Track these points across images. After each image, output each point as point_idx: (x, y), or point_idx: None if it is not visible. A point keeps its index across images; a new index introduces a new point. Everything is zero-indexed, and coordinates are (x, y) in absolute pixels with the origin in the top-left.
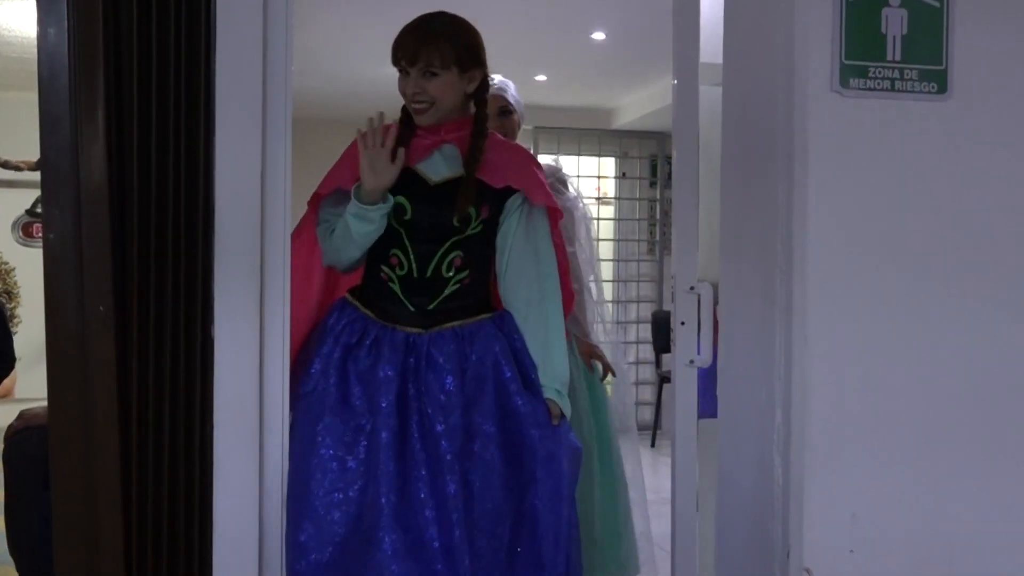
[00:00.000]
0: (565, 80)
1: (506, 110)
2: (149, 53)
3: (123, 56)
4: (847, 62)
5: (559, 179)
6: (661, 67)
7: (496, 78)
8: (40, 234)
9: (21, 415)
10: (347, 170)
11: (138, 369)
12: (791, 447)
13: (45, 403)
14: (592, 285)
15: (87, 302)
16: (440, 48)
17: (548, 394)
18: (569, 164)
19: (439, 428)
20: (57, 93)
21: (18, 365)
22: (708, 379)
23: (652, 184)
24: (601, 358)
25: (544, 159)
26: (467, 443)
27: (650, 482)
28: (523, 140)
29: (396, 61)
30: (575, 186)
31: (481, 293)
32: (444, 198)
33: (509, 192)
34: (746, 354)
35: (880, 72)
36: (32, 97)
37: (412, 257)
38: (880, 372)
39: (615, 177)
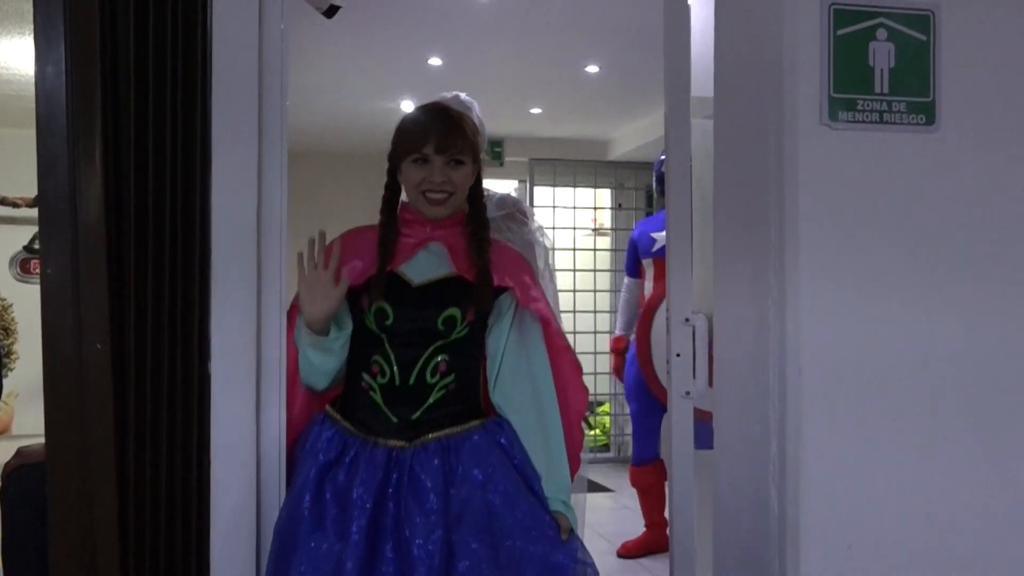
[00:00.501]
0: (560, 112)
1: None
2: (146, 91)
3: (120, 95)
4: (836, 95)
5: (520, 210)
6: (655, 98)
7: (462, 95)
8: (38, 270)
9: (18, 452)
10: None
11: (135, 405)
12: (786, 478)
13: (42, 440)
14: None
15: (84, 339)
16: (465, 136)
17: (555, 507)
18: (565, 195)
19: (416, 552)
20: (55, 132)
21: (15, 401)
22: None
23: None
24: None
25: (500, 185)
26: (451, 563)
27: None
28: (519, 172)
29: (416, 149)
30: (536, 218)
31: (470, 400)
32: (428, 300)
33: (498, 292)
34: (741, 385)
35: (868, 105)
36: (30, 134)
37: (394, 363)
38: (875, 404)
39: (611, 208)
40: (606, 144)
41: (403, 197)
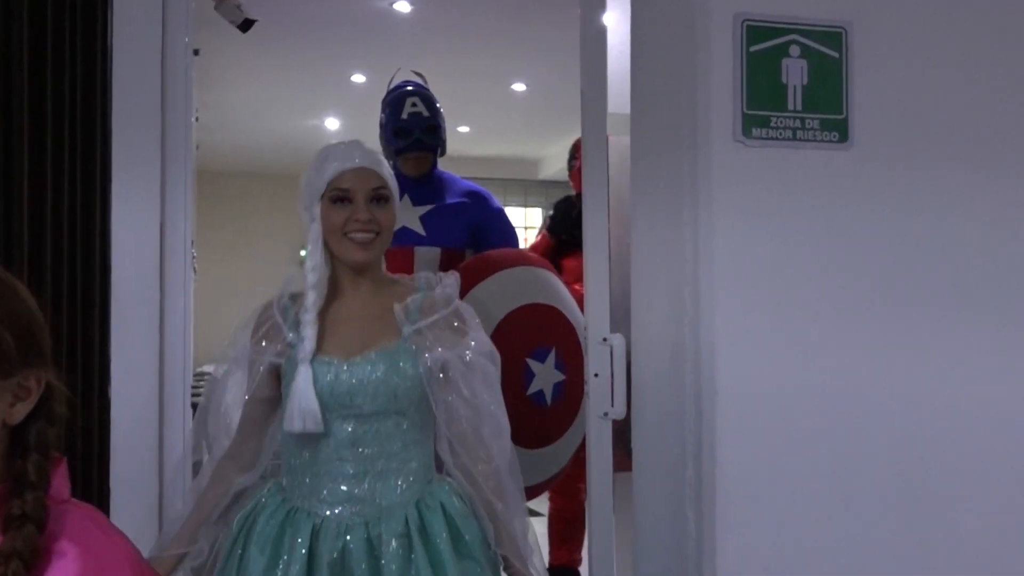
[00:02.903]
0: (488, 131)
1: (381, 195)
2: (42, 105)
3: (14, 108)
4: (749, 112)
5: (462, 318)
6: None
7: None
8: None
9: None
10: None
11: None
12: (702, 500)
13: None
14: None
15: None
16: None
17: None
18: None
19: None
20: None
21: None
22: None
23: None
24: None
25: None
26: None
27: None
28: None
29: None
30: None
31: None
32: None
33: None
34: (658, 406)
35: (782, 122)
36: None
37: None
38: (790, 423)
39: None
40: (536, 163)
41: None
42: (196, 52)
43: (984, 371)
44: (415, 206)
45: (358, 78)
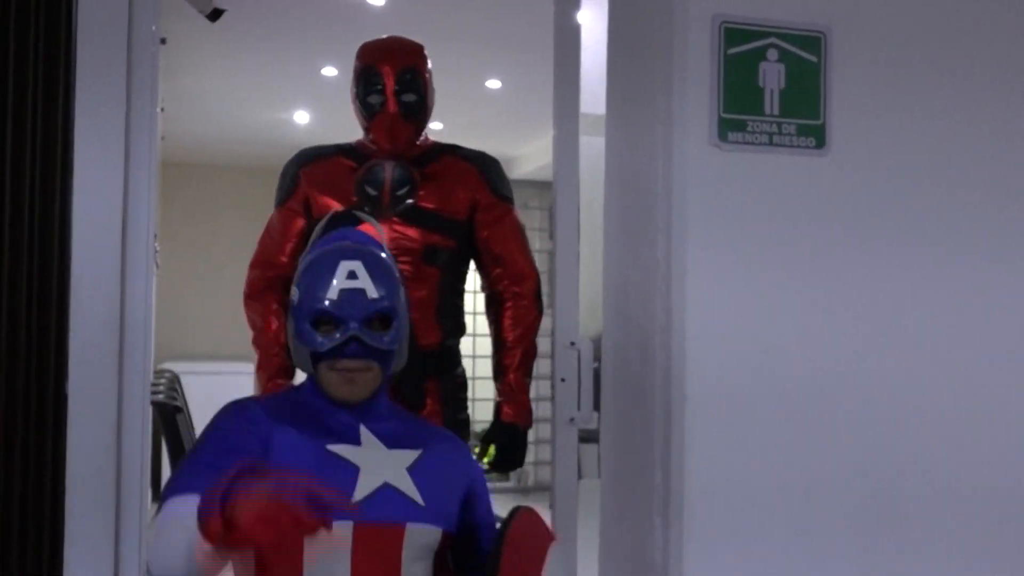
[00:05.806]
0: (461, 129)
1: None
2: (4, 91)
3: None
4: (725, 115)
5: None
6: None
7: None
8: None
9: None
10: None
11: None
12: (670, 509)
13: None
14: None
15: None
16: None
17: None
18: None
19: None
20: None
21: None
22: None
23: (551, 236)
24: None
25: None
26: None
27: None
28: None
29: None
30: None
31: None
32: None
33: None
34: (626, 413)
35: (758, 126)
36: None
37: None
38: (761, 430)
39: None
40: (510, 162)
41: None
42: (163, 41)
43: (966, 383)
44: (392, 449)
45: (329, 71)
